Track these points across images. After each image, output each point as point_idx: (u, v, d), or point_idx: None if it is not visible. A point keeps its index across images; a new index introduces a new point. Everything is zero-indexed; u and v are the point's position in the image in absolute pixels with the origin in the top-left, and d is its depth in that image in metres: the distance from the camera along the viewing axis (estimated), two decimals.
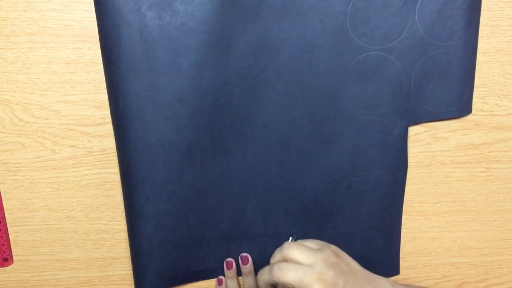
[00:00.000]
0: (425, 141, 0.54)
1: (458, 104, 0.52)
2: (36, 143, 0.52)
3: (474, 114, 0.54)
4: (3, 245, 0.54)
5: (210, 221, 0.54)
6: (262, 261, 0.56)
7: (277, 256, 0.48)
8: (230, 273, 0.55)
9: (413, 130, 0.53)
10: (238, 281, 0.56)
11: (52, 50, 0.49)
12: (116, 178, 0.53)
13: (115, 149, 0.52)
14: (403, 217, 0.56)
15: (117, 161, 0.52)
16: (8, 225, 0.54)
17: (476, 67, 0.52)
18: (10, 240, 0.54)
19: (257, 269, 0.56)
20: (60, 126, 0.51)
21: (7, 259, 0.55)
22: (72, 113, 0.51)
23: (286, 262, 0.46)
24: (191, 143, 0.51)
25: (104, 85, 0.50)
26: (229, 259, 0.55)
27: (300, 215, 0.54)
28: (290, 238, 0.51)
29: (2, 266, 0.55)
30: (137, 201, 0.51)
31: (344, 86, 0.51)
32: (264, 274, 0.47)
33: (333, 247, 0.48)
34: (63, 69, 0.50)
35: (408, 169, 0.54)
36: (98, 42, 0.49)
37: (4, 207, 0.53)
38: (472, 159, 0.55)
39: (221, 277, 0.56)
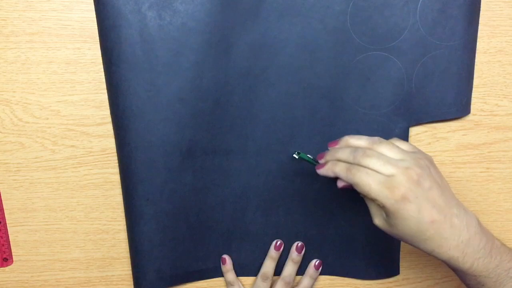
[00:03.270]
0: (425, 141, 0.54)
1: (459, 105, 0.52)
2: (36, 143, 0.52)
3: (474, 114, 0.54)
4: (3, 245, 0.54)
5: (211, 221, 0.54)
6: (262, 261, 0.55)
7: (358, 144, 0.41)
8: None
9: (413, 130, 0.53)
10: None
11: (52, 50, 0.49)
12: (116, 178, 0.53)
13: (115, 149, 0.52)
14: None
15: (117, 161, 0.52)
16: (8, 225, 0.54)
17: (476, 67, 0.52)
18: (10, 240, 0.54)
19: (257, 269, 0.56)
20: (60, 126, 0.51)
21: (7, 259, 0.55)
22: (72, 113, 0.51)
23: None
24: (191, 143, 0.50)
25: (104, 85, 0.50)
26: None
27: (301, 215, 0.54)
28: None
29: (2, 266, 0.55)
30: (137, 201, 0.51)
31: (344, 86, 0.51)
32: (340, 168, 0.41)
33: (429, 156, 0.42)
34: (63, 69, 0.50)
35: None
36: (98, 42, 0.49)
37: (4, 207, 0.53)
38: (472, 159, 0.55)
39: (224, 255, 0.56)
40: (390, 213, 0.38)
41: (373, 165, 0.38)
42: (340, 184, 0.42)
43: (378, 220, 0.41)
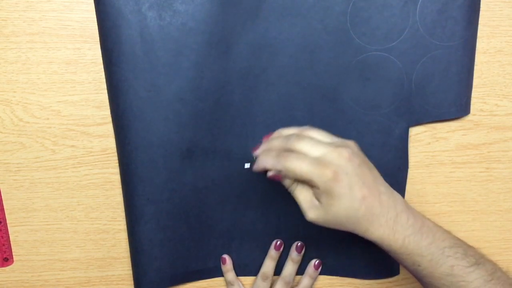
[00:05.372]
0: (425, 141, 0.54)
1: (459, 105, 0.52)
2: (36, 143, 0.52)
3: (474, 114, 0.54)
4: (3, 245, 0.54)
5: (211, 221, 0.54)
6: (262, 261, 0.55)
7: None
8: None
9: (413, 130, 0.53)
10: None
11: (52, 50, 0.49)
12: (116, 178, 0.53)
13: (115, 149, 0.52)
14: None
15: (117, 161, 0.52)
16: (8, 225, 0.54)
17: (476, 67, 0.52)
18: (10, 240, 0.54)
19: (257, 268, 0.56)
20: (60, 126, 0.51)
21: (7, 259, 0.55)
22: (72, 113, 0.51)
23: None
24: (191, 143, 0.51)
25: (104, 85, 0.50)
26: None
27: (301, 215, 0.54)
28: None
29: (2, 266, 0.55)
30: (137, 201, 0.51)
31: (344, 86, 0.51)
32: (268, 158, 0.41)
33: (354, 141, 0.42)
34: (63, 69, 0.50)
35: (408, 169, 0.54)
36: (98, 42, 0.49)
37: (5, 207, 0.53)
38: (472, 159, 0.55)
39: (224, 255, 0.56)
40: (324, 193, 0.38)
41: (304, 146, 0.39)
42: (270, 173, 0.42)
43: (312, 212, 0.41)
